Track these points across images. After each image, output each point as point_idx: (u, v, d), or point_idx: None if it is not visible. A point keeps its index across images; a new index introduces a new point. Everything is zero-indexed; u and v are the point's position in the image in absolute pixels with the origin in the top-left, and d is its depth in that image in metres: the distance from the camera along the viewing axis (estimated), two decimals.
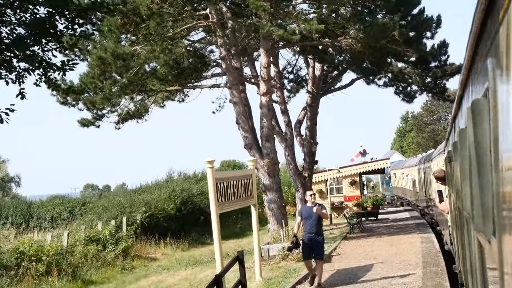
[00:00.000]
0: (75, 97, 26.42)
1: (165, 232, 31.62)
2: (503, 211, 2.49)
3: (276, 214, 25.87)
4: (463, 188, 5.08)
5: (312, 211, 14.67)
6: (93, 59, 23.69)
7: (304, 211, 15.09)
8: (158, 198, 33.88)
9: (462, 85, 5.00)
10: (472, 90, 3.94)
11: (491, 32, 2.71)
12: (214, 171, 15.36)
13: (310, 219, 14.78)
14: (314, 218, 14.75)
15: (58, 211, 38.73)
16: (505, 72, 2.31)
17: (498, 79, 2.52)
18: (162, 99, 30.42)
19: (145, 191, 37.19)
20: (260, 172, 26.01)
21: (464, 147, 4.30)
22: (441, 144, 20.05)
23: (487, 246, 3.30)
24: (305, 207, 15.28)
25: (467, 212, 5.20)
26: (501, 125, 2.47)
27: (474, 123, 3.10)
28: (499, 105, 2.51)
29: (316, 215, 14.71)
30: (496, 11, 2.48)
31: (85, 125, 27.65)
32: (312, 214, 14.68)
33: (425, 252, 20.32)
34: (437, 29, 27.10)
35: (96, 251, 24.62)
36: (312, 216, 14.71)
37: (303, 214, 15.14)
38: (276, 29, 23.22)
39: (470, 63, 3.97)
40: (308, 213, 14.84)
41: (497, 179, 2.60)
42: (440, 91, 31.59)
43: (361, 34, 25.35)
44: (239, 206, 17.24)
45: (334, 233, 30.53)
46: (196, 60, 28.93)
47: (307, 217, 14.89)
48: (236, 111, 25.86)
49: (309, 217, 14.79)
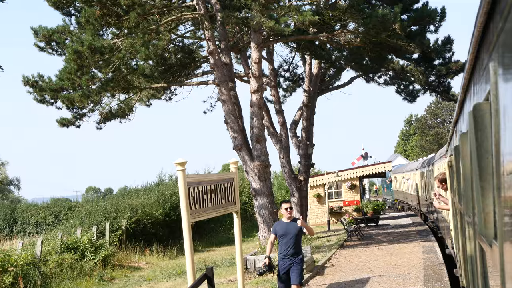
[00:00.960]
0: (53, 94, 24.62)
1: (152, 239, 29.81)
2: (504, 215, 2.51)
3: (267, 220, 24.09)
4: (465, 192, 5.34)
5: (290, 228, 12.23)
6: (69, 52, 21.89)
7: (280, 228, 12.37)
8: (145, 202, 32.00)
9: (463, 89, 5.10)
10: (473, 94, 4.04)
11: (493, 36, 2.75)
12: (187, 174, 13.61)
13: (287, 237, 12.27)
14: (292, 236, 12.25)
15: (42, 216, 36.90)
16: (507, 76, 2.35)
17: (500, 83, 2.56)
18: (148, 97, 28.64)
19: (134, 195, 35.33)
20: (250, 176, 24.24)
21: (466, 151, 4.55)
22: (443, 148, 19.31)
23: (488, 250, 3.34)
24: (280, 223, 12.55)
25: (468, 216, 5.36)
26: (502, 130, 2.49)
27: (476, 127, 3.19)
28: (501, 109, 2.53)
29: (294, 233, 12.24)
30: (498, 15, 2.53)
31: (64, 125, 25.84)
32: (290, 231, 12.24)
33: (427, 264, 18.45)
34: (441, 22, 25.40)
35: (72, 260, 22.79)
36: (290, 233, 12.24)
37: (277, 232, 12.39)
38: (267, 21, 21.47)
39: (472, 67, 4.04)
40: (284, 230, 12.30)
41: (498, 183, 2.65)
42: (444, 90, 29.82)
43: (360, 28, 23.65)
44: (218, 214, 15.38)
45: (331, 240, 28.71)
46: (184, 56, 27.17)
47: (283, 235, 12.25)
48: (224, 109, 24.07)
49: (286, 234, 12.28)
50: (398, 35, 23.24)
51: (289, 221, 12.31)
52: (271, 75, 30.29)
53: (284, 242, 12.29)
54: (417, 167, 35.52)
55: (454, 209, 9.99)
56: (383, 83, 30.94)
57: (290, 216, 12.30)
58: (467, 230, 6.20)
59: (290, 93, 34.40)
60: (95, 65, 22.81)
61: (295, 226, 12.24)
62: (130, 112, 27.10)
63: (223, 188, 15.10)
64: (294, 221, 12.34)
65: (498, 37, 2.51)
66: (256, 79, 23.83)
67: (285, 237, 12.27)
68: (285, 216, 12.35)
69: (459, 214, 7.78)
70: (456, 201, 8.19)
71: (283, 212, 12.38)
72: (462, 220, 7.05)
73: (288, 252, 12.20)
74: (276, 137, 29.96)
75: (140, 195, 34.86)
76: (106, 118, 26.41)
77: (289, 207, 12.34)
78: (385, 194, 66.05)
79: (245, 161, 24.13)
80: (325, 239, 29.81)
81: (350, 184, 38.89)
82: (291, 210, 12.37)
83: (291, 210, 12.37)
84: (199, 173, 30.17)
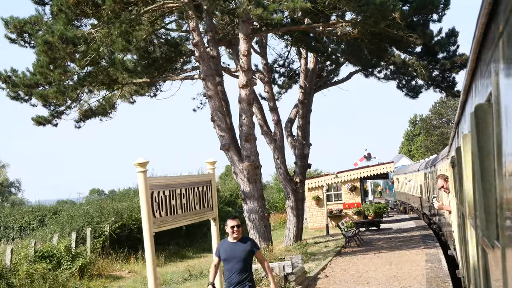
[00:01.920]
0: (27, 90, 22.85)
1: (137, 245, 27.91)
2: (507, 217, 2.54)
3: (257, 226, 22.31)
4: (467, 193, 5.31)
5: (236, 250, 9.83)
6: (39, 43, 20.09)
7: (223, 250, 9.91)
8: (132, 206, 30.04)
9: (465, 91, 5.21)
10: (475, 95, 4.08)
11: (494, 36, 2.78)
12: (154, 176, 11.82)
13: (233, 261, 9.84)
14: (239, 259, 9.81)
15: (27, 220, 35.07)
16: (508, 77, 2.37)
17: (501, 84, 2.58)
18: (131, 94, 26.78)
19: (122, 198, 33.43)
20: (239, 178, 22.43)
21: (467, 152, 4.60)
22: (445, 149, 18.64)
23: (491, 251, 3.38)
24: (224, 244, 10.04)
25: (470, 217, 5.33)
26: (504, 130, 2.52)
27: (477, 128, 3.23)
28: (503, 110, 2.56)
29: (241, 256, 9.85)
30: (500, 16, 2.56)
31: (40, 123, 24.09)
32: (236, 254, 9.85)
33: (430, 275, 16.54)
34: (445, 11, 23.55)
35: (45, 270, 20.94)
36: (236, 257, 9.83)
37: (221, 255, 9.95)
38: (254, 8, 19.62)
39: (474, 68, 4.07)
40: (228, 253, 9.88)
41: (500, 184, 2.70)
42: (448, 86, 27.91)
43: (356, 16, 21.81)
44: (190, 221, 13.58)
45: (328, 246, 26.89)
46: (169, 49, 25.34)
47: (228, 259, 9.83)
48: (211, 106, 22.27)
49: (231, 258, 9.85)
50: (399, 25, 21.38)
51: (236, 241, 9.87)
52: (264, 70, 28.45)
53: (228, 268, 9.84)
54: (419, 168, 34.16)
55: (456, 210, 9.83)
56: (383, 78, 29.02)
57: (237, 236, 9.85)
58: (469, 231, 6.14)
59: (286, 90, 32.49)
60: (70, 58, 21.01)
61: (244, 248, 9.85)
62: (112, 110, 25.30)
63: (197, 192, 13.27)
64: (243, 242, 9.93)
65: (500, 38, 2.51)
66: (245, 73, 22.01)
67: (230, 262, 9.83)
68: (230, 235, 9.88)
69: (461, 215, 7.70)
70: (458, 202, 8.11)
71: (228, 230, 9.87)
72: (464, 221, 6.94)
73: (235, 279, 9.72)
74: (270, 136, 28.13)
75: (130, 198, 32.95)
76: (85, 116, 24.63)
77: (236, 225, 9.80)
78: (387, 195, 65.12)
79: (234, 162, 22.34)
80: (322, 244, 27.98)
81: (351, 185, 37.02)
82: (238, 229, 9.83)
83: (238, 229, 9.83)
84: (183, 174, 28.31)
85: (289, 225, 28.23)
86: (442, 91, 28.81)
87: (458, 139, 6.77)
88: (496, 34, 2.65)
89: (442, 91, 28.81)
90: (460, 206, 7.84)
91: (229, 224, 9.83)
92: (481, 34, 3.18)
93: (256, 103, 27.48)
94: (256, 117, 27.50)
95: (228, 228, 9.84)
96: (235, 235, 9.81)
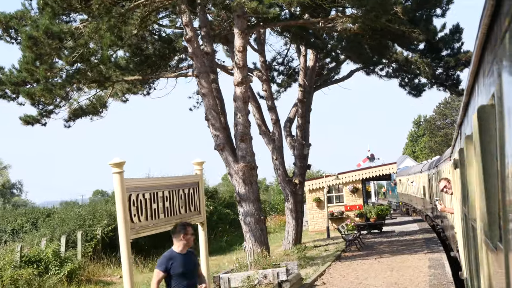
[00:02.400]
0: (14, 88, 21.97)
1: (132, 249, 27.00)
2: (509, 218, 2.50)
3: (253, 229, 21.33)
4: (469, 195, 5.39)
5: (189, 262, 8.69)
6: (23, 38, 19.19)
7: (177, 264, 8.58)
8: None
9: (468, 92, 5.03)
10: (478, 96, 4.01)
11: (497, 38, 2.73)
12: (132, 178, 10.93)
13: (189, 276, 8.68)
14: (194, 274, 8.86)
15: (20, 223, 34.16)
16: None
17: (504, 85, 2.53)
18: (123, 92, 25.85)
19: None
20: (234, 179, 21.48)
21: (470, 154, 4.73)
22: (447, 150, 18.26)
23: (493, 253, 3.34)
24: (173, 256, 8.70)
25: (473, 218, 5.28)
26: (507, 132, 2.48)
27: (480, 129, 3.22)
28: (506, 111, 2.53)
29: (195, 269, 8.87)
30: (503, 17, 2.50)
31: (28, 123, 23.19)
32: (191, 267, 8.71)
33: (433, 283, 15.56)
34: (449, 5, 22.64)
35: (30, 275, 20.05)
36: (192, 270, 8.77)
37: (173, 269, 8.54)
38: (249, 1, 18.70)
39: (476, 69, 3.99)
40: (181, 266, 8.56)
41: (503, 186, 2.66)
42: (452, 84, 26.95)
43: (357, 10, 20.90)
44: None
45: (328, 250, 25.94)
46: (163, 46, 24.42)
47: (180, 274, 8.55)
48: (205, 104, 21.34)
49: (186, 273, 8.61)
50: (401, 19, 20.53)
51: (185, 252, 8.74)
52: (262, 68, 27.49)
53: (185, 284, 8.61)
54: (422, 170, 33.44)
55: (459, 211, 9.76)
56: (385, 75, 28.06)
57: (189, 245, 8.77)
58: (472, 233, 6.11)
59: (285, 88, 31.50)
60: (56, 54, 20.09)
61: (194, 259, 8.89)
62: (103, 109, 24.40)
63: (182, 195, 12.39)
64: (190, 253, 8.87)
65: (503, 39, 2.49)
66: (240, 70, 21.07)
67: (185, 277, 8.60)
68: (183, 246, 8.68)
69: (464, 217, 7.66)
70: (461, 204, 8.12)
71: (186, 239, 8.66)
72: (467, 222, 6.93)
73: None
74: (268, 136, 27.18)
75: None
76: (75, 115, 23.74)
77: (184, 234, 8.68)
78: (390, 196, 64.45)
79: (228, 163, 21.38)
80: (322, 248, 27.05)
81: (352, 187, 36.02)
82: (190, 237, 8.77)
83: (190, 237, 8.77)
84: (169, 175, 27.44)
85: (288, 228, 27.29)
86: (446, 89, 27.82)
87: (461, 141, 6.73)
88: (499, 35, 2.61)
89: (446, 89, 27.82)
90: (463, 208, 7.77)
91: (189, 231, 8.72)
92: (484, 35, 3.14)
93: (254, 102, 26.57)
94: (254, 117, 26.61)
95: (188, 235, 8.68)
96: (184, 242, 8.67)
